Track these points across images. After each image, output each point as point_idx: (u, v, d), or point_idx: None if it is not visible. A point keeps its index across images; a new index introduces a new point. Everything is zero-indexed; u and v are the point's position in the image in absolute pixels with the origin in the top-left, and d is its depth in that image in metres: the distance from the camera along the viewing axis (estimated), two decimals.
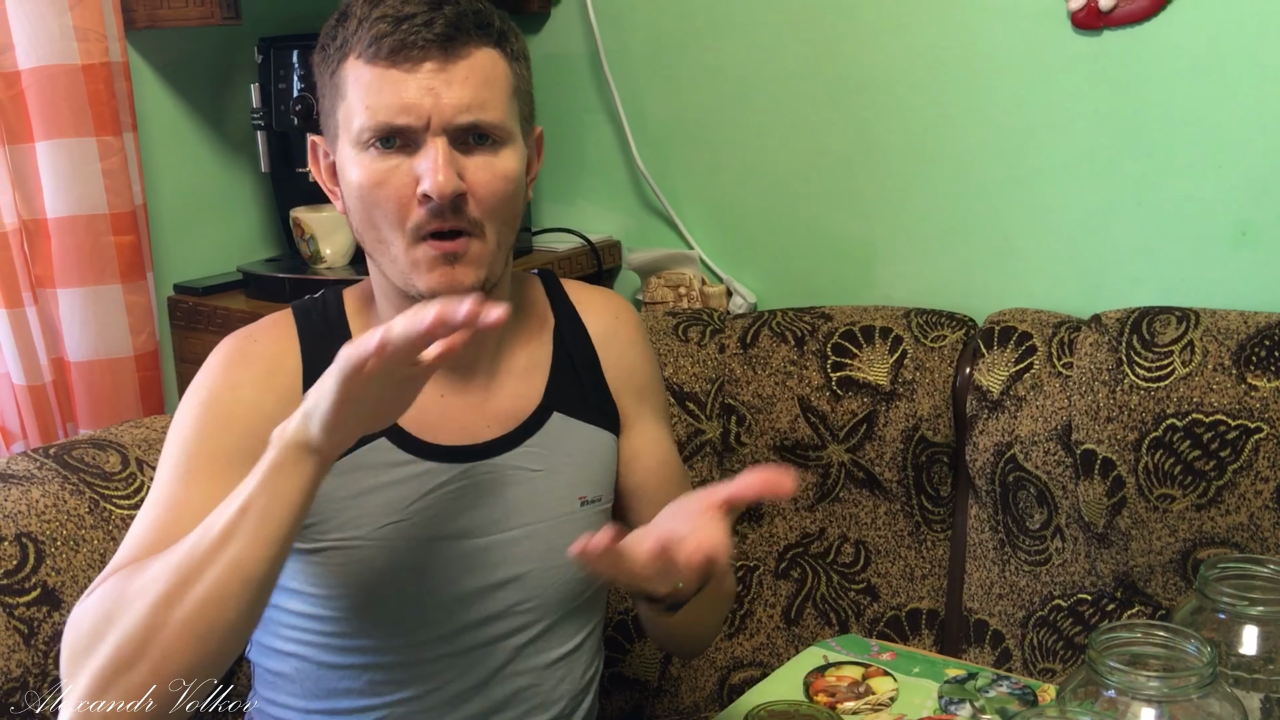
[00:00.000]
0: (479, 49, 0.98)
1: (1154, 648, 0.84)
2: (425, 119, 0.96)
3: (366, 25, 0.97)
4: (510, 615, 1.08)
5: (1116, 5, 1.41)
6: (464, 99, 0.97)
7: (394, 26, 0.96)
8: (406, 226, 0.98)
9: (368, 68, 0.97)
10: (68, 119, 1.40)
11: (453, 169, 0.96)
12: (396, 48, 0.95)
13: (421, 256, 0.99)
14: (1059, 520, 1.38)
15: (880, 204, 1.64)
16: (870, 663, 1.16)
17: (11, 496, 1.14)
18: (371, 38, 0.96)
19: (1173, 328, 1.33)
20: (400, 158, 0.97)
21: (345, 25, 0.99)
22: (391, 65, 0.96)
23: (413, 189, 0.97)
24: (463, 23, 0.97)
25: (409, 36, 0.95)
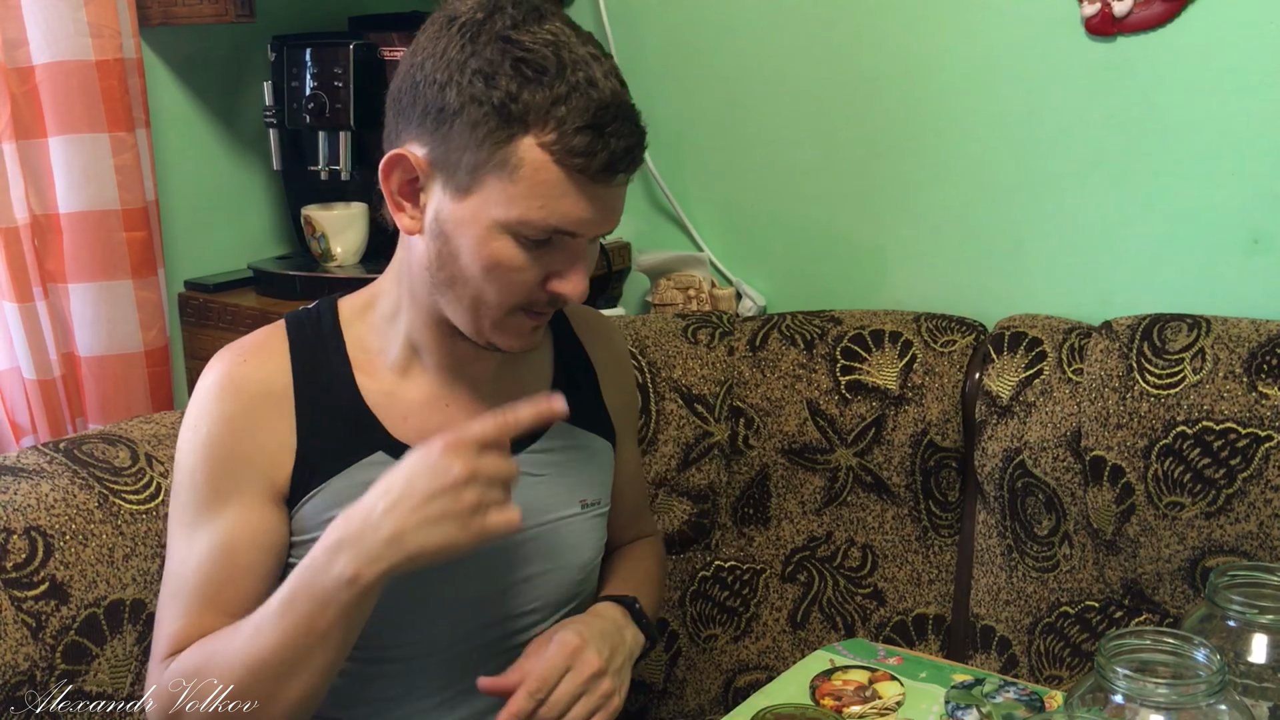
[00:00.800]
0: None
1: (1163, 655, 0.83)
2: (593, 230, 0.97)
3: (564, 120, 0.91)
4: (517, 617, 1.09)
5: (1130, 12, 1.40)
6: (619, 217, 0.99)
7: (599, 146, 0.92)
8: (517, 304, 0.99)
9: (557, 170, 0.92)
10: (81, 115, 1.41)
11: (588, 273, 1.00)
12: (599, 171, 0.93)
13: (515, 325, 1.01)
14: (1067, 527, 1.37)
15: (891, 208, 1.63)
16: (877, 667, 1.15)
17: (21, 490, 1.14)
18: (572, 148, 0.91)
19: (1184, 335, 1.33)
20: (543, 250, 0.96)
21: (532, 93, 0.91)
22: (588, 186, 0.93)
23: (543, 279, 0.98)
24: (642, 145, 0.97)
25: (612, 164, 0.93)
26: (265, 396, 1.04)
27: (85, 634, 1.12)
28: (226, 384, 1.04)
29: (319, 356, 1.07)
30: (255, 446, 1.02)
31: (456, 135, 0.94)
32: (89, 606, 1.12)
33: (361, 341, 1.09)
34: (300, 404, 1.05)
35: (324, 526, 1.03)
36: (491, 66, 0.92)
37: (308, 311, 1.10)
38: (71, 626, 1.11)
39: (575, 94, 0.91)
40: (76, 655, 1.11)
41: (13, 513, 1.12)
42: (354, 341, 1.09)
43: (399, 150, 0.98)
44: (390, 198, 1.02)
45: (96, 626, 1.12)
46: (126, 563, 1.16)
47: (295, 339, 1.07)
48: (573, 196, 0.93)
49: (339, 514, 1.03)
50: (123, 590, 1.14)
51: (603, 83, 0.93)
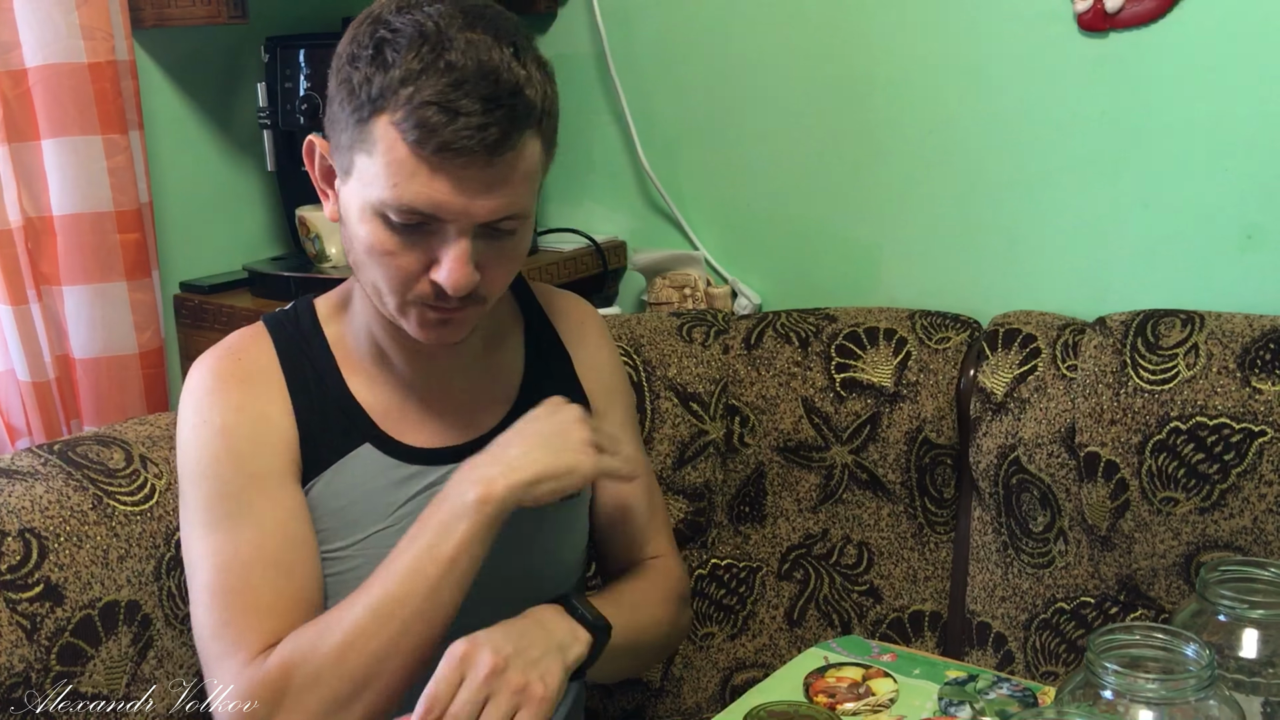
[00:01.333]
0: (525, 143, 0.93)
1: (1153, 650, 0.83)
2: (455, 217, 0.92)
3: (415, 99, 0.89)
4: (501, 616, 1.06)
5: (1123, 7, 1.40)
6: (499, 204, 0.93)
7: (445, 119, 0.88)
8: (407, 295, 0.97)
9: (405, 148, 0.90)
10: (74, 117, 1.41)
11: (471, 265, 0.94)
12: (441, 148, 0.89)
13: (415, 315, 0.98)
14: (1062, 523, 1.37)
15: (885, 205, 1.63)
16: (870, 664, 1.15)
17: (15, 492, 1.14)
18: (417, 122, 0.89)
19: (1177, 330, 1.32)
20: (416, 236, 0.94)
21: (385, 71, 0.91)
22: (433, 164, 0.90)
23: (424, 267, 0.95)
24: (514, 124, 0.91)
25: (458, 140, 0.89)
26: (265, 385, 1.04)
27: (80, 635, 1.12)
28: (226, 376, 1.04)
29: (304, 352, 1.07)
30: (272, 429, 1.02)
31: (338, 118, 0.96)
32: (84, 608, 1.12)
33: (339, 339, 1.09)
34: (294, 395, 1.05)
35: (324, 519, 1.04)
36: (360, 49, 0.93)
37: (285, 312, 1.11)
38: (66, 628, 1.11)
39: (427, 72, 0.89)
40: (71, 657, 1.11)
41: (7, 515, 1.12)
42: (333, 338, 1.09)
43: (311, 136, 1.02)
44: (316, 185, 1.04)
45: (91, 628, 1.13)
46: (121, 564, 1.16)
47: (278, 336, 1.08)
48: (423, 176, 0.90)
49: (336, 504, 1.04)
50: (117, 592, 1.14)
51: (462, 58, 0.89)
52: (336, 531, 1.04)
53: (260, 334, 1.08)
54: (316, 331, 1.08)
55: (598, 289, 1.85)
